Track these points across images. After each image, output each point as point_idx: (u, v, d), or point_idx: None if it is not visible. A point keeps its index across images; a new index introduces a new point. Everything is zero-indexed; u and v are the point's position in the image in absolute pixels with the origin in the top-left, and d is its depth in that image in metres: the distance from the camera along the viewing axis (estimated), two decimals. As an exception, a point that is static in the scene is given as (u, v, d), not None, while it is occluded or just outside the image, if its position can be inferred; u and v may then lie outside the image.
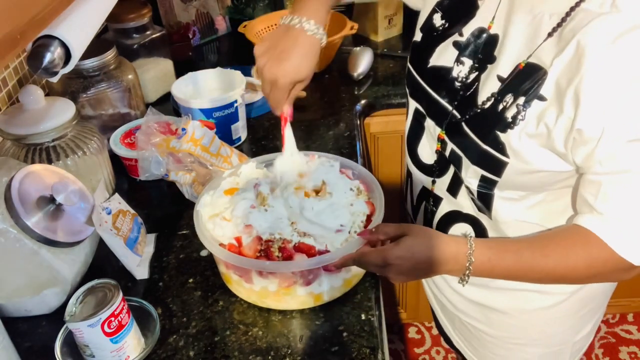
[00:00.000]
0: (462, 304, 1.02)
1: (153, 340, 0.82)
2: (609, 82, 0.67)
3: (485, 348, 1.05)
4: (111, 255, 0.91)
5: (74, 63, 0.69)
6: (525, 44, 0.76)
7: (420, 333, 2.02)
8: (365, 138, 1.48)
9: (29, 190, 0.83)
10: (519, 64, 0.76)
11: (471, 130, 0.82)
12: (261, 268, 0.82)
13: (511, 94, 0.76)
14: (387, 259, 0.77)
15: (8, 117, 0.99)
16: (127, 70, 1.26)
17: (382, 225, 0.82)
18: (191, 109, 1.21)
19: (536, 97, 0.73)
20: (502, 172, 0.79)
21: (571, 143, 0.71)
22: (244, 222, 0.85)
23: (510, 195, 0.83)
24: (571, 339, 1.00)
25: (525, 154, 0.76)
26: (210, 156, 1.08)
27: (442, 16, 0.89)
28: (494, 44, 0.81)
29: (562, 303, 0.92)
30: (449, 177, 0.90)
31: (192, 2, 1.71)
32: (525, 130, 0.75)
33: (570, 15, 0.71)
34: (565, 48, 0.70)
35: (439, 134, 0.88)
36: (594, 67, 0.67)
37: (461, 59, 0.85)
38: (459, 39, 0.85)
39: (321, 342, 0.82)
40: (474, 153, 0.82)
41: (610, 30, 0.67)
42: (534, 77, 0.74)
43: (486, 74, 0.81)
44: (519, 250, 0.78)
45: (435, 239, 0.79)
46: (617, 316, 2.01)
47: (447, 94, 0.86)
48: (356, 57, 1.52)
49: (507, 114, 0.76)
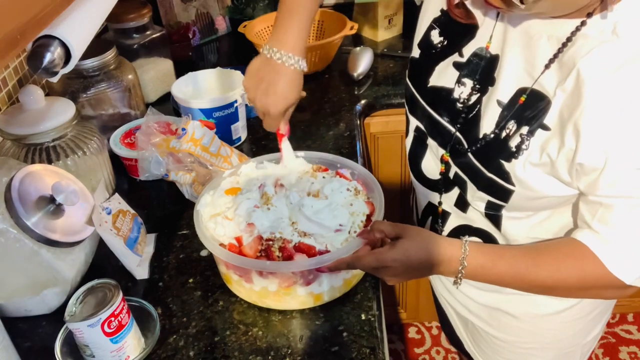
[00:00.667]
0: (473, 308, 1.01)
1: (153, 340, 0.82)
2: (610, 116, 0.66)
3: (496, 352, 1.04)
4: (111, 255, 0.91)
5: (74, 63, 0.69)
6: (524, 68, 0.76)
7: (420, 333, 2.02)
8: (365, 138, 1.48)
9: (29, 190, 0.83)
10: (520, 97, 0.75)
11: (475, 158, 0.81)
12: (261, 268, 0.82)
13: (514, 122, 0.76)
14: (383, 261, 0.77)
15: (8, 117, 0.99)
16: (127, 70, 1.26)
17: (378, 222, 0.82)
18: (191, 109, 1.21)
19: (540, 127, 0.73)
20: (509, 199, 0.79)
21: (575, 173, 0.71)
22: (246, 221, 0.85)
23: (518, 215, 0.83)
24: (581, 341, 1.00)
25: (530, 182, 0.76)
26: (210, 156, 1.08)
27: (440, 33, 0.88)
28: (494, 65, 0.80)
29: (573, 307, 0.92)
30: (455, 194, 0.89)
31: (192, 2, 1.71)
32: (529, 159, 0.74)
33: (570, 42, 0.70)
34: (567, 77, 0.70)
35: (443, 156, 0.88)
36: (594, 102, 0.67)
37: (462, 80, 0.84)
38: (459, 59, 0.84)
39: (321, 342, 0.82)
40: (479, 180, 0.82)
41: (610, 61, 0.66)
42: (538, 105, 0.73)
43: (487, 96, 0.81)
44: (512, 258, 0.78)
45: (431, 242, 0.79)
46: (617, 316, 2.01)
47: (449, 115, 0.86)
48: (356, 57, 1.52)
49: (511, 143, 0.76)
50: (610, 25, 0.67)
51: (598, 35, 0.68)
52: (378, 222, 0.82)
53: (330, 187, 0.91)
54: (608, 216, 0.71)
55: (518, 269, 0.77)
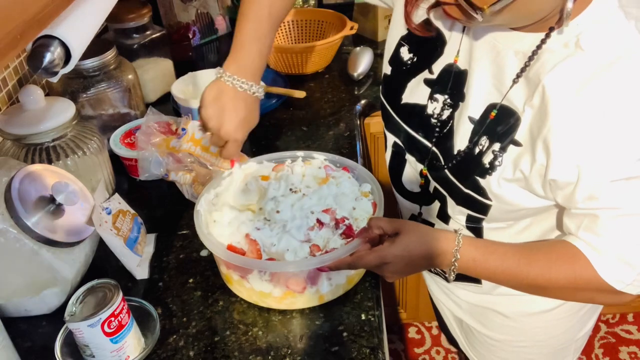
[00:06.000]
0: (466, 307, 1.02)
1: (153, 340, 0.82)
2: (579, 132, 0.66)
3: (490, 352, 1.05)
4: (111, 255, 0.91)
5: (74, 63, 0.69)
6: (493, 84, 0.76)
7: (420, 333, 2.02)
8: (365, 138, 1.48)
9: (29, 190, 0.83)
10: (491, 112, 0.75)
11: (451, 174, 0.82)
12: (262, 268, 0.82)
13: (486, 137, 0.76)
14: (384, 258, 0.77)
15: (8, 117, 0.99)
16: (127, 70, 1.26)
17: (376, 219, 0.82)
18: (191, 109, 1.21)
19: (511, 142, 0.73)
20: (487, 212, 0.80)
21: (549, 187, 0.71)
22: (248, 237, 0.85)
23: (499, 225, 0.83)
24: (574, 337, 1.01)
25: (506, 197, 0.76)
26: (210, 156, 1.08)
27: (410, 49, 0.88)
28: (463, 80, 0.80)
29: (563, 305, 0.92)
30: (436, 207, 0.90)
31: (192, 2, 1.71)
32: (502, 175, 0.75)
33: (535, 56, 0.70)
34: (534, 93, 0.69)
35: (422, 170, 0.88)
36: (560, 118, 0.67)
37: (434, 95, 0.84)
38: (429, 76, 0.85)
39: (321, 342, 0.82)
40: (457, 195, 0.83)
41: (575, 77, 0.66)
42: (508, 121, 0.73)
43: (459, 112, 0.81)
44: (504, 255, 0.78)
45: (429, 235, 0.79)
46: (617, 316, 2.01)
47: (424, 130, 0.86)
48: (356, 57, 1.52)
49: (485, 159, 0.76)
50: (574, 38, 0.67)
51: (562, 49, 0.68)
52: (375, 219, 0.82)
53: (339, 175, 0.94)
54: (594, 226, 0.71)
55: (509, 265, 0.77)
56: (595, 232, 0.71)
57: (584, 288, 0.75)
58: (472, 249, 0.78)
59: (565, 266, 0.74)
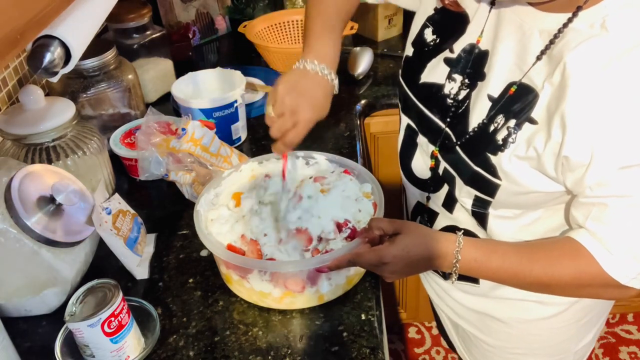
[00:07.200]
0: (463, 312, 1.01)
1: (153, 340, 0.82)
2: (596, 112, 0.66)
3: (486, 357, 1.04)
4: (111, 255, 0.91)
5: (74, 63, 0.69)
6: (515, 63, 0.76)
7: (420, 333, 2.02)
8: (365, 138, 1.48)
9: (29, 190, 0.83)
10: (510, 88, 0.75)
11: (463, 151, 0.82)
12: (262, 268, 0.82)
13: (502, 115, 0.76)
14: (383, 258, 0.77)
15: (8, 117, 0.99)
16: (127, 70, 1.26)
17: (376, 220, 0.82)
18: (191, 109, 1.21)
19: (527, 120, 0.73)
20: (495, 194, 0.79)
21: (560, 168, 0.71)
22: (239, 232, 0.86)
23: (505, 214, 0.83)
24: (572, 348, 1.00)
25: (516, 176, 0.75)
26: (210, 156, 1.08)
27: (434, 31, 0.88)
28: (484, 60, 0.80)
29: (562, 313, 0.92)
30: (444, 192, 0.89)
31: (192, 2, 1.71)
32: (515, 152, 0.74)
33: (560, 35, 0.70)
34: (554, 70, 0.69)
35: (433, 151, 0.88)
36: (580, 95, 0.66)
37: (453, 75, 0.84)
38: (449, 55, 0.84)
39: (321, 342, 0.82)
40: (466, 174, 0.82)
41: (597, 56, 0.66)
42: (526, 99, 0.73)
43: (476, 91, 0.81)
44: (506, 253, 0.78)
45: (429, 236, 0.79)
46: (617, 316, 2.01)
47: (439, 111, 0.86)
48: (356, 57, 1.52)
49: (498, 136, 0.76)
50: (600, 19, 0.67)
51: (587, 29, 0.68)
52: (376, 219, 0.82)
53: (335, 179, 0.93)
54: (602, 215, 0.71)
55: (511, 264, 0.77)
56: (603, 221, 0.71)
57: (588, 284, 0.75)
58: (473, 249, 0.78)
59: (569, 262, 0.74)
